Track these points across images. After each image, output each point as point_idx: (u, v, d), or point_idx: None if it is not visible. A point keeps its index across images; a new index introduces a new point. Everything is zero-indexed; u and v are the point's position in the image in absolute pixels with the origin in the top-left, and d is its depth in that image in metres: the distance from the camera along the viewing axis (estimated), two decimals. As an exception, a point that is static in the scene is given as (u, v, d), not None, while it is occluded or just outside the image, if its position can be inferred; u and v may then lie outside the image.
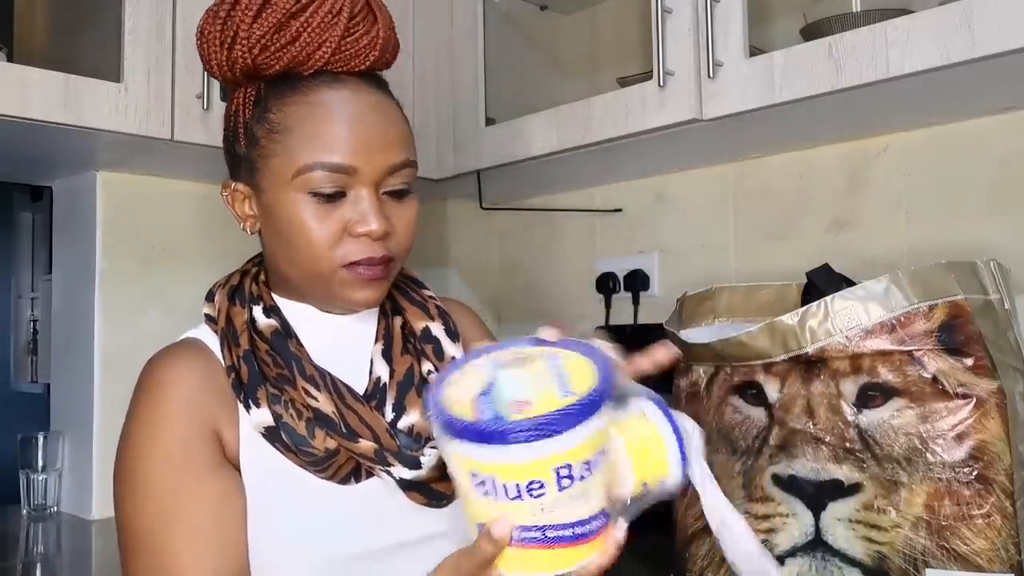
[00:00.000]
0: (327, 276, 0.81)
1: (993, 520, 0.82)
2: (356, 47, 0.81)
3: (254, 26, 0.79)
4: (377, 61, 0.84)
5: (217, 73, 0.84)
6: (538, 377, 0.66)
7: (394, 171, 0.81)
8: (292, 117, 0.80)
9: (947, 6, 1.01)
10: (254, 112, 0.82)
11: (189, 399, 0.80)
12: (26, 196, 2.84)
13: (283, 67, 0.81)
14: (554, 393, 0.64)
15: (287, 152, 0.79)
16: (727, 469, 0.97)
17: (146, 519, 0.77)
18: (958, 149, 1.30)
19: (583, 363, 0.67)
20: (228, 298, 0.86)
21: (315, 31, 0.79)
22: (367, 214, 0.79)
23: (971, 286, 0.88)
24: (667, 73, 1.25)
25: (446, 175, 1.63)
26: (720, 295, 1.09)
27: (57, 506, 1.63)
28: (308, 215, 0.79)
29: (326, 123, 0.79)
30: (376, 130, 0.80)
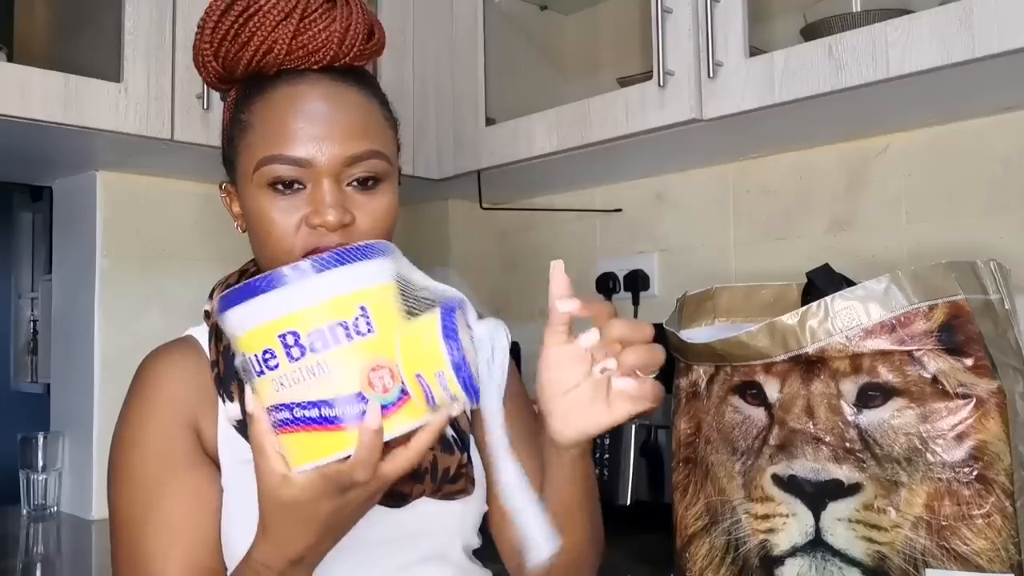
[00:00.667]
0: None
1: (993, 520, 0.82)
2: (312, 44, 0.82)
3: (215, 32, 0.82)
4: (338, 56, 0.83)
5: (208, 84, 0.89)
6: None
7: (353, 162, 0.81)
8: (255, 115, 0.82)
9: (947, 6, 1.01)
10: (232, 114, 0.86)
11: (173, 395, 0.84)
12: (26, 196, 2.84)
13: (245, 70, 0.83)
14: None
15: (249, 148, 0.82)
16: (727, 469, 0.97)
17: (127, 505, 0.81)
18: (958, 149, 1.30)
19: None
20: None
21: (267, 31, 0.80)
22: (322, 204, 0.79)
23: (971, 286, 0.88)
24: (667, 73, 1.25)
25: (446, 175, 1.63)
26: (720, 295, 1.09)
27: (57, 506, 1.63)
28: (268, 208, 0.81)
29: (281, 117, 0.80)
30: (333, 122, 0.80)
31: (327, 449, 0.63)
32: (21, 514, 1.62)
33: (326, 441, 0.63)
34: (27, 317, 3.02)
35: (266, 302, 0.62)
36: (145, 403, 0.85)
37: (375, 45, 0.88)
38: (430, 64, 1.66)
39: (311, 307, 0.61)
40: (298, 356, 0.61)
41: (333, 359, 0.61)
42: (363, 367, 0.62)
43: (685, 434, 1.03)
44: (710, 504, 0.99)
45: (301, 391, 0.62)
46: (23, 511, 1.62)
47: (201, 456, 0.83)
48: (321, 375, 0.61)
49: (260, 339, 0.62)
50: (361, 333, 0.62)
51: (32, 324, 2.98)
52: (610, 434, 1.40)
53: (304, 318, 0.61)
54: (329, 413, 0.62)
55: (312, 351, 0.61)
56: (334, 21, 0.83)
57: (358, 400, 0.62)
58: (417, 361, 0.63)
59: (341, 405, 0.62)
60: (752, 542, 0.94)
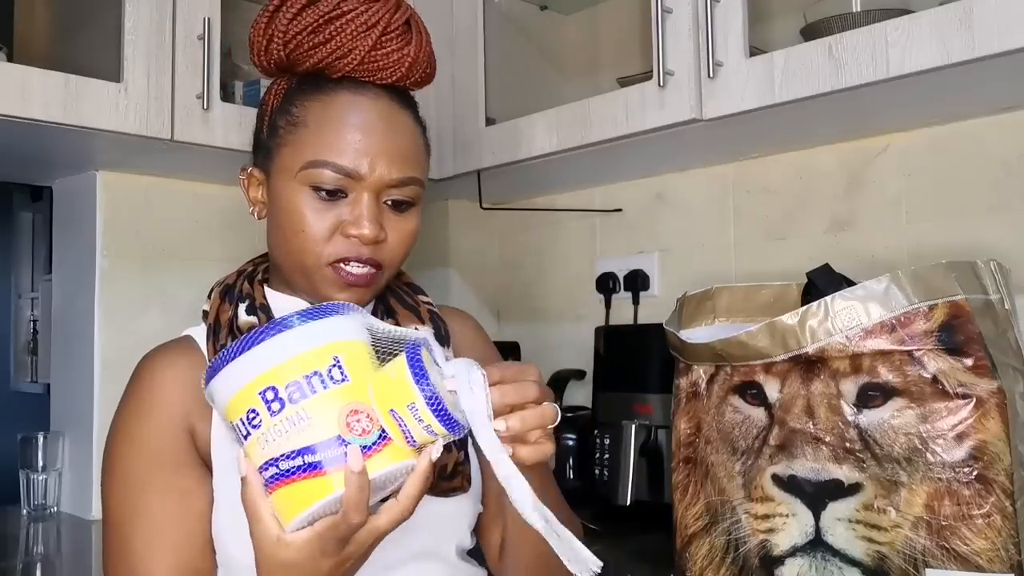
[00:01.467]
0: (311, 270, 0.83)
1: (993, 520, 0.82)
2: (385, 61, 0.84)
3: (292, 23, 0.84)
4: (404, 78, 0.86)
5: (256, 63, 0.89)
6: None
7: (397, 185, 0.83)
8: (310, 113, 0.83)
9: (947, 6, 1.01)
10: (281, 104, 0.86)
11: (167, 396, 0.84)
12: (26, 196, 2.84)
13: (312, 66, 0.84)
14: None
15: (299, 144, 0.83)
16: (727, 469, 0.97)
17: (117, 503, 0.82)
18: (958, 149, 1.30)
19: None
20: (220, 296, 0.89)
21: (346, 38, 0.83)
22: (362, 218, 0.81)
23: (971, 286, 0.88)
24: (667, 73, 1.25)
25: (446, 175, 1.63)
26: (720, 295, 1.09)
27: (57, 506, 1.63)
28: (306, 207, 0.82)
29: (339, 125, 0.82)
30: (387, 142, 0.83)
31: (313, 495, 0.64)
32: (21, 514, 1.62)
33: (311, 488, 0.64)
34: (27, 317, 3.02)
35: (244, 364, 0.65)
36: (139, 404, 0.85)
37: (432, 75, 0.91)
38: (430, 64, 1.66)
39: (286, 361, 0.64)
40: (278, 409, 0.64)
41: (311, 407, 0.64)
42: (340, 412, 0.64)
43: (685, 434, 1.03)
44: (710, 504, 0.99)
45: (284, 443, 0.64)
46: (23, 511, 1.62)
47: (193, 458, 0.84)
48: (301, 424, 0.64)
49: (243, 401, 0.65)
50: (336, 381, 0.65)
51: (32, 324, 2.98)
52: (610, 434, 1.40)
53: (281, 372, 0.64)
54: (311, 459, 0.64)
55: (291, 402, 0.64)
56: (409, 44, 0.86)
57: (338, 444, 0.64)
58: (389, 398, 0.65)
59: (322, 450, 0.64)
60: (752, 542, 0.94)
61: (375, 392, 0.66)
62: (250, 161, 0.91)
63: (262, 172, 0.88)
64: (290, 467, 0.64)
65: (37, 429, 1.66)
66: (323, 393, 0.64)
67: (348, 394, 0.65)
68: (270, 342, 0.65)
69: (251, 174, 0.89)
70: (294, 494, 0.65)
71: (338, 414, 0.64)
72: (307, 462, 0.64)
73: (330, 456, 0.64)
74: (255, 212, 0.89)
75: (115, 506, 0.83)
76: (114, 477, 0.84)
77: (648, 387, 1.39)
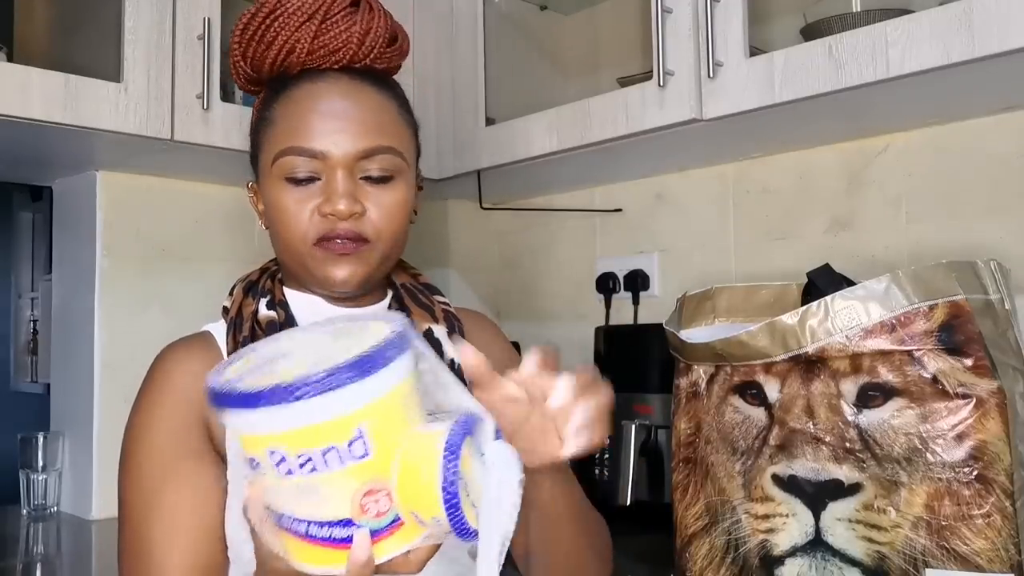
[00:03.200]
0: (304, 256, 0.85)
1: (993, 520, 0.82)
2: (333, 44, 0.85)
3: (243, 34, 0.87)
4: (357, 56, 0.87)
5: (238, 85, 0.92)
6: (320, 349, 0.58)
7: (366, 155, 0.84)
8: (277, 112, 0.86)
9: (947, 6, 1.01)
10: (258, 114, 0.89)
11: (183, 389, 0.85)
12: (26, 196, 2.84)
13: (270, 70, 0.87)
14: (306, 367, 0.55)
15: (269, 143, 0.85)
16: (727, 469, 0.97)
17: (135, 495, 0.83)
18: (958, 149, 1.30)
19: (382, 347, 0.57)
20: (244, 291, 0.91)
21: (288, 32, 0.85)
22: (334, 194, 0.82)
23: (971, 286, 0.88)
24: (667, 73, 1.25)
25: (446, 175, 1.63)
26: (720, 295, 1.09)
27: (57, 506, 1.63)
28: (285, 199, 0.84)
29: (299, 113, 0.84)
30: (349, 117, 0.84)
31: (318, 560, 0.59)
32: (21, 514, 1.62)
33: (319, 554, 0.59)
34: (27, 317, 3.02)
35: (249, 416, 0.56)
36: (156, 395, 0.86)
37: (396, 50, 0.91)
38: (430, 64, 1.66)
39: (300, 429, 0.55)
40: (286, 473, 0.56)
41: (323, 483, 0.56)
42: (356, 492, 0.57)
43: (685, 434, 1.03)
44: (710, 504, 0.99)
45: (293, 505, 0.58)
46: (23, 511, 1.62)
47: (209, 449, 0.84)
48: (311, 497, 0.57)
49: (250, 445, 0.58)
50: (356, 457, 0.56)
51: (32, 324, 2.98)
52: (610, 435, 1.40)
53: (292, 439, 0.56)
54: (319, 533, 0.58)
55: (301, 471, 0.56)
56: (354, 24, 0.86)
57: (349, 524, 0.58)
58: (413, 501, 0.57)
59: (332, 528, 0.58)
60: (752, 542, 0.94)
61: (400, 484, 0.57)
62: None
63: (256, 183, 0.90)
64: (298, 529, 0.59)
65: (37, 429, 1.66)
66: (338, 471, 0.56)
67: (367, 471, 0.57)
68: (286, 407, 0.54)
69: (254, 188, 0.92)
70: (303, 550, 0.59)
71: (352, 494, 0.57)
72: (311, 533, 0.58)
73: (339, 535, 0.58)
74: (261, 222, 0.91)
75: (132, 500, 0.83)
76: (131, 471, 0.84)
77: (648, 387, 1.39)
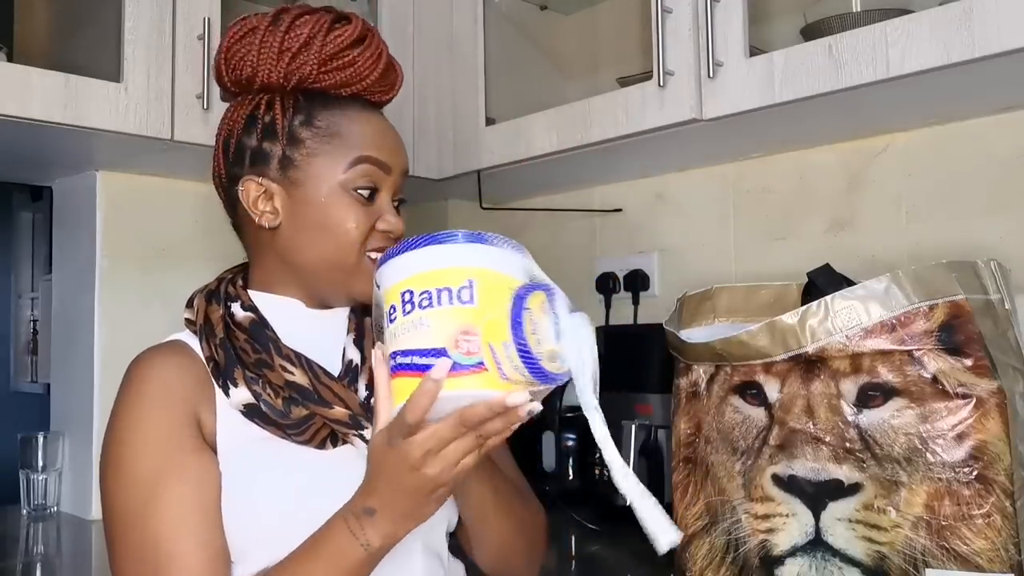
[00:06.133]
0: (352, 266, 0.90)
1: (993, 520, 0.82)
2: (385, 83, 0.96)
3: (326, 42, 0.90)
4: (392, 95, 0.99)
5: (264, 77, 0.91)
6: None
7: (404, 175, 0.94)
8: (339, 125, 0.91)
9: (947, 6, 1.01)
10: (296, 117, 0.91)
11: (168, 388, 0.87)
12: (26, 196, 2.84)
13: (332, 84, 0.92)
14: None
15: (337, 150, 0.90)
16: (727, 469, 0.97)
17: (131, 500, 0.83)
18: (958, 149, 1.30)
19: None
20: (206, 299, 0.93)
21: (366, 62, 0.93)
22: (389, 214, 0.91)
23: (971, 286, 0.88)
24: (667, 73, 1.25)
25: (446, 175, 1.63)
26: (720, 295, 1.09)
27: (57, 506, 1.63)
28: (350, 209, 0.89)
29: (369, 129, 0.92)
30: (397, 143, 0.95)
31: (402, 393, 0.71)
32: (21, 514, 1.62)
33: (410, 386, 0.70)
34: (27, 317, 3.02)
35: (400, 263, 0.72)
36: (142, 397, 0.86)
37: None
38: (430, 64, 1.66)
39: (428, 271, 0.71)
40: (409, 311, 0.71)
41: (433, 316, 0.70)
42: (455, 329, 0.69)
43: (685, 434, 1.04)
44: (710, 504, 0.99)
45: (404, 341, 0.71)
46: (23, 511, 1.62)
47: (202, 444, 0.86)
48: (420, 329, 0.70)
49: (391, 296, 0.73)
50: (463, 301, 0.70)
51: (32, 324, 2.98)
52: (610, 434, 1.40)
53: (421, 280, 0.71)
54: (419, 361, 0.70)
55: (419, 307, 0.70)
56: (396, 66, 0.97)
57: (441, 355, 0.69)
58: (490, 332, 0.70)
59: (427, 356, 0.70)
60: (752, 542, 0.94)
61: (485, 323, 0.70)
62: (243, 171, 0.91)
63: (275, 182, 0.90)
64: (402, 363, 0.71)
65: (37, 429, 1.66)
66: (447, 308, 0.70)
67: (468, 316, 0.70)
68: (425, 250, 0.72)
69: (259, 184, 0.91)
70: (403, 387, 0.71)
71: (453, 330, 0.69)
72: (414, 363, 0.70)
73: (429, 364, 0.69)
74: (263, 221, 0.91)
75: (130, 501, 0.83)
76: (124, 473, 0.84)
77: (648, 387, 1.39)
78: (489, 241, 0.73)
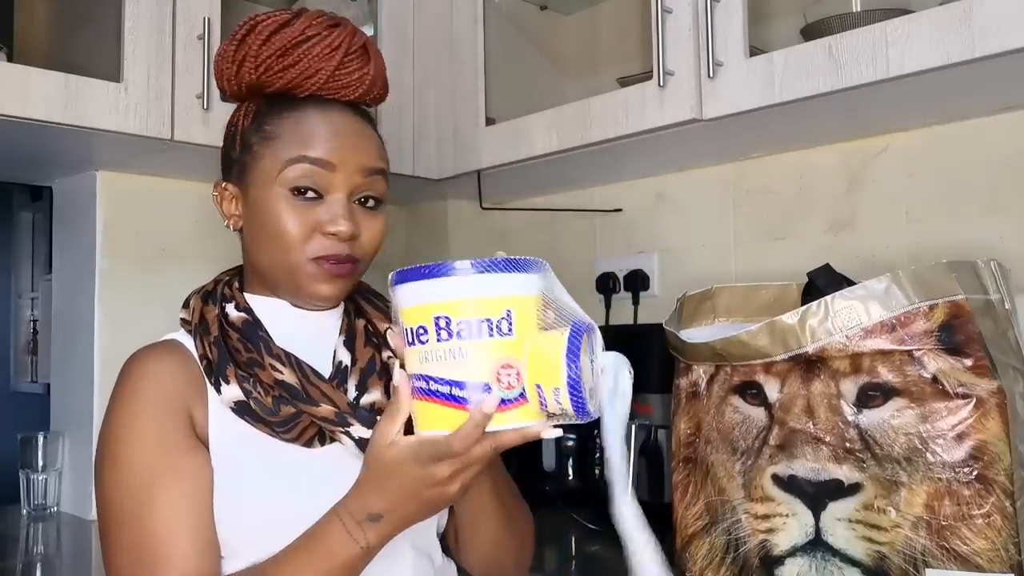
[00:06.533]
0: (295, 268, 0.89)
1: (993, 520, 0.82)
2: (347, 79, 0.92)
3: (263, 48, 0.91)
4: (365, 95, 0.95)
5: (226, 87, 0.96)
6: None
7: (367, 174, 0.90)
8: (283, 127, 0.90)
9: (947, 6, 1.01)
10: (251, 123, 0.93)
11: (163, 386, 0.88)
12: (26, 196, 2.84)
13: (282, 86, 0.91)
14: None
15: (275, 152, 0.89)
16: (727, 469, 0.97)
17: (126, 496, 0.84)
18: (958, 149, 1.30)
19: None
20: (201, 300, 0.95)
21: (313, 60, 0.90)
22: (338, 216, 0.88)
23: (971, 286, 0.88)
24: (667, 73, 1.25)
25: (446, 175, 1.63)
26: (720, 295, 1.09)
27: (57, 506, 1.63)
28: (286, 209, 0.88)
29: (311, 128, 0.90)
30: (354, 140, 0.91)
31: (447, 422, 0.72)
32: (21, 514, 1.62)
33: (448, 416, 0.71)
34: (27, 317, 3.02)
35: (430, 286, 0.72)
36: (138, 395, 0.88)
37: (386, 95, 0.99)
38: (430, 64, 1.66)
39: (467, 299, 0.71)
40: (446, 338, 0.71)
41: (473, 348, 0.71)
42: (496, 362, 0.71)
43: (685, 434, 1.04)
44: (710, 504, 0.99)
45: (441, 368, 0.71)
46: (23, 511, 1.62)
47: (196, 441, 0.87)
48: (460, 359, 0.71)
49: (419, 315, 0.72)
50: (503, 333, 0.71)
51: (32, 324, 2.98)
52: (610, 434, 1.40)
53: (459, 307, 0.71)
54: (458, 393, 0.71)
55: (458, 337, 0.71)
56: (368, 65, 0.94)
57: (484, 389, 0.71)
58: (539, 373, 0.71)
59: (469, 389, 0.71)
60: (752, 542, 0.94)
61: (530, 360, 0.71)
62: (222, 176, 0.96)
63: (236, 187, 0.93)
64: (438, 390, 0.71)
65: (37, 429, 1.66)
66: (488, 341, 0.71)
67: (508, 348, 0.71)
68: (462, 278, 0.71)
69: (224, 188, 0.94)
70: (433, 412, 0.72)
71: (494, 363, 0.71)
72: (453, 394, 0.71)
73: (474, 397, 0.70)
74: (229, 224, 0.95)
75: (125, 498, 0.84)
76: (120, 470, 0.85)
77: (648, 387, 1.39)
78: (525, 268, 0.74)
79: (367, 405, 0.89)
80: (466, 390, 0.71)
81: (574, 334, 0.71)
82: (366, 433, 0.85)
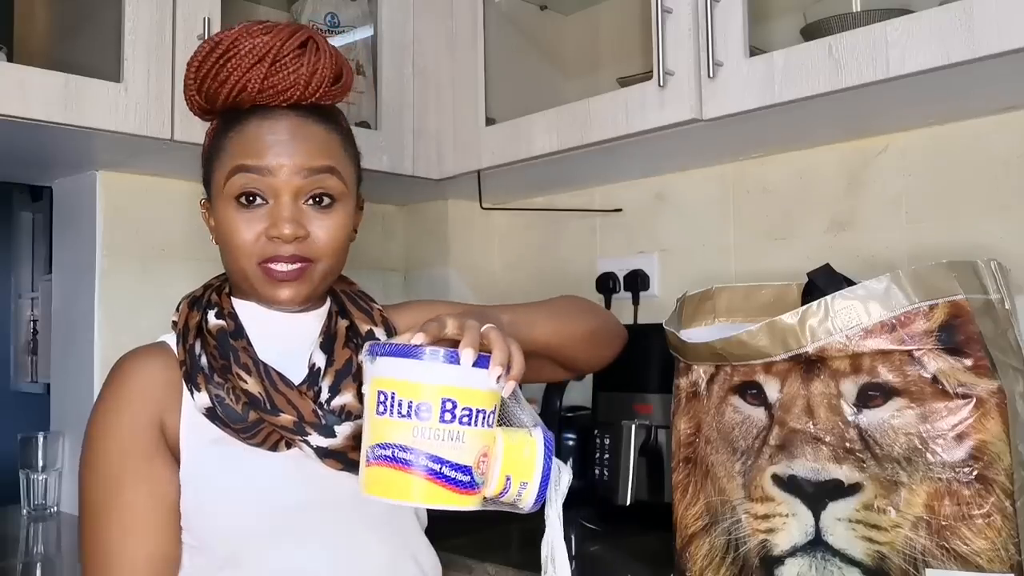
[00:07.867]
0: (249, 274, 0.93)
1: (993, 520, 0.82)
2: (280, 85, 0.92)
3: (199, 72, 0.94)
4: (305, 95, 0.94)
5: (192, 112, 1.00)
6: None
7: (309, 174, 0.92)
8: (229, 140, 0.94)
9: (947, 6, 1.01)
10: (211, 141, 0.98)
11: (139, 392, 0.92)
12: (26, 196, 2.84)
13: (223, 104, 0.94)
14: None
15: (222, 166, 0.93)
16: (727, 469, 0.97)
17: (93, 500, 0.91)
18: (958, 149, 1.30)
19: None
20: (188, 305, 0.99)
21: (240, 72, 0.91)
22: (279, 219, 0.90)
23: (971, 286, 0.88)
24: (667, 73, 1.25)
25: (446, 175, 1.63)
26: (720, 295, 1.09)
27: (57, 506, 1.64)
28: (234, 219, 0.92)
29: (249, 137, 0.93)
30: (294, 143, 0.92)
31: (434, 497, 0.76)
32: (21, 514, 1.62)
33: (434, 491, 0.76)
34: (27, 317, 3.02)
35: (441, 369, 0.75)
36: (114, 400, 0.92)
37: (341, 87, 0.98)
38: (430, 64, 1.66)
39: (474, 389, 0.76)
40: (449, 420, 0.75)
41: (470, 435, 0.76)
42: (479, 450, 0.77)
43: (685, 434, 1.03)
44: (710, 504, 0.99)
45: (438, 447, 0.75)
46: (23, 511, 1.62)
47: (163, 450, 0.91)
48: (457, 442, 0.76)
49: (421, 393, 0.75)
50: (488, 424, 0.78)
51: (32, 324, 2.99)
52: (610, 434, 1.40)
53: (467, 395, 0.76)
54: (449, 473, 0.75)
55: (459, 422, 0.75)
56: (302, 66, 0.93)
57: (469, 472, 0.76)
58: (513, 466, 0.79)
59: (459, 471, 0.76)
60: (752, 542, 0.94)
61: (505, 454, 0.79)
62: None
63: (209, 203, 0.98)
64: (433, 468, 0.75)
65: (37, 429, 1.66)
66: (481, 430, 0.77)
67: (488, 438, 0.78)
68: (469, 369, 0.76)
69: (206, 205, 0.99)
70: (421, 486, 0.75)
71: (479, 451, 0.77)
72: (445, 473, 0.75)
73: (461, 479, 0.76)
74: (211, 234, 0.98)
75: (92, 498, 0.90)
76: (91, 470, 0.91)
77: (648, 387, 1.39)
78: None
79: (337, 407, 0.91)
80: (458, 472, 0.76)
81: (548, 439, 0.81)
82: (324, 442, 0.89)
